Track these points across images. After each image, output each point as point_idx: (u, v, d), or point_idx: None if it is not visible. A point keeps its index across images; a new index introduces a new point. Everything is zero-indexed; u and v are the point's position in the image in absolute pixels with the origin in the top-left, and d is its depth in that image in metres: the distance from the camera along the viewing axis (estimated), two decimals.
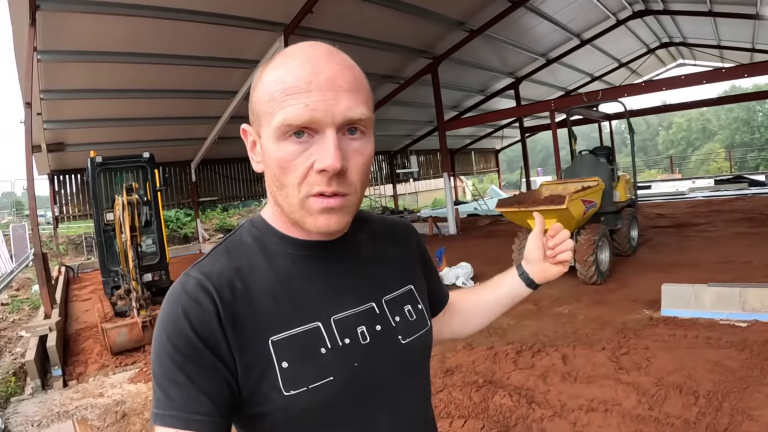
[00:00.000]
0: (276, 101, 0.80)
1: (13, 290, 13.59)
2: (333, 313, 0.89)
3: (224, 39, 11.06)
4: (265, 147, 0.84)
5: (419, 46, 14.22)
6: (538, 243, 1.21)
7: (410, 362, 0.98)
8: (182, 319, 0.79)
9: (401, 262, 1.07)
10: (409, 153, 25.23)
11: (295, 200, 0.83)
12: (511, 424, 3.62)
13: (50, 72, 10.03)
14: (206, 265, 0.88)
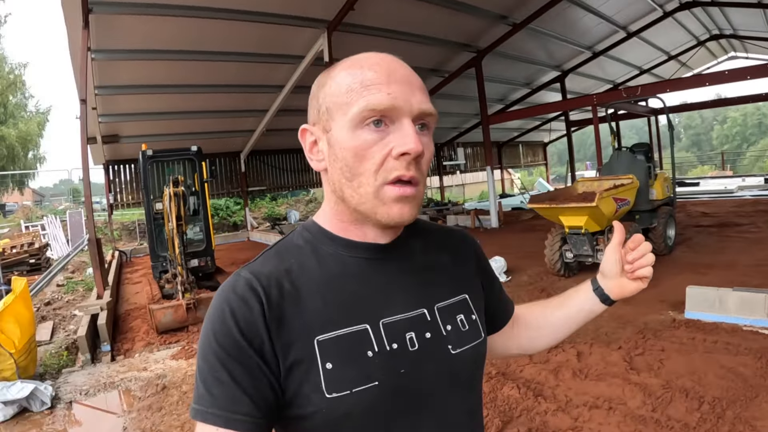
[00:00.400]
0: (355, 92, 0.84)
1: (68, 272, 14.35)
2: (382, 317, 0.88)
3: (270, 36, 11.42)
4: (337, 138, 0.86)
5: (462, 40, 14.26)
6: (616, 256, 1.11)
7: (459, 374, 0.95)
8: (229, 317, 0.81)
9: (457, 270, 1.05)
10: (456, 145, 25.18)
11: (369, 189, 0.85)
12: (515, 416, 3.78)
13: (104, 69, 10.59)
14: (256, 266, 0.89)
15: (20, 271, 13.50)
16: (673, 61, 21.27)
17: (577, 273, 8.04)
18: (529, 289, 7.59)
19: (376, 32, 12.50)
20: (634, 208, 7.91)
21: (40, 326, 7.79)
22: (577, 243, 7.57)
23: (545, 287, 7.50)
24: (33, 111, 33.50)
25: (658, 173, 8.70)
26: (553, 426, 3.56)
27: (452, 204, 23.64)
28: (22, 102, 32.93)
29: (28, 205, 28.66)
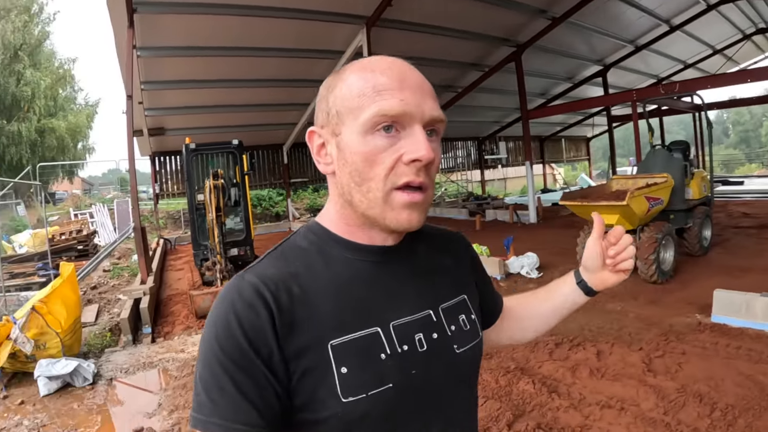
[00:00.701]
0: (367, 96, 0.83)
1: (114, 258, 14.98)
2: (392, 319, 0.89)
3: (310, 32, 11.65)
4: (347, 143, 0.86)
5: (501, 35, 14.23)
6: (597, 250, 1.13)
7: (463, 372, 0.99)
8: (235, 325, 0.79)
9: (455, 271, 1.08)
10: (498, 139, 25.10)
11: (378, 194, 0.85)
12: (527, 410, 3.87)
13: (149, 66, 11.00)
14: (262, 269, 0.87)
15: (68, 256, 14.11)
16: (718, 56, 20.61)
17: None
18: None
19: (414, 27, 12.59)
20: (668, 207, 7.80)
21: (85, 309, 8.23)
22: None
23: None
24: (82, 104, 34.66)
25: (695, 172, 8.52)
26: (563, 422, 3.63)
27: (492, 198, 23.54)
28: (72, 95, 34.08)
29: (77, 194, 29.80)
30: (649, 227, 7.24)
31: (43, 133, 28.89)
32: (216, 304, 0.84)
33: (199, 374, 0.81)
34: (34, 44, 29.56)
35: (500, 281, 8.34)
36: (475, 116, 21.61)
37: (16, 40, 27.61)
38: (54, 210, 24.34)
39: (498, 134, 25.04)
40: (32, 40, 29.28)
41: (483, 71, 16.32)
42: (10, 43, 27.33)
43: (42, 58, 30.54)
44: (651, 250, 6.94)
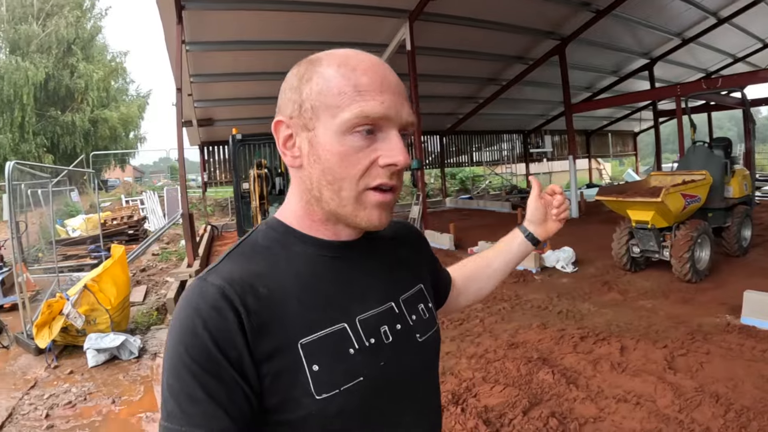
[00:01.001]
0: (347, 95, 0.82)
1: (163, 243, 15.57)
2: (357, 314, 0.90)
3: (355, 26, 11.89)
4: (321, 141, 0.84)
5: (545, 28, 14.22)
6: (538, 204, 1.33)
7: (427, 358, 1.03)
8: (202, 330, 0.77)
9: (411, 261, 1.11)
10: (544, 132, 24.86)
11: (351, 193, 0.85)
12: (544, 399, 4.00)
13: (198, 59, 11.40)
14: (224, 270, 0.85)
15: (119, 240, 14.67)
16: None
17: (644, 268, 7.98)
18: (592, 281, 7.66)
19: (457, 21, 12.68)
20: (706, 205, 7.71)
21: (134, 289, 8.70)
22: (644, 238, 7.54)
23: (609, 281, 7.51)
24: (134, 95, 36.03)
25: (736, 170, 8.37)
26: (578, 413, 3.74)
27: None
28: (124, 87, 35.45)
29: (128, 181, 30.90)
30: (685, 225, 7.19)
31: (96, 123, 30.13)
32: (179, 309, 0.81)
33: (166, 382, 0.78)
34: (87, 38, 30.87)
35: (535, 274, 8.42)
36: (520, 109, 21.54)
37: (69, 34, 28.91)
38: (106, 196, 25.18)
39: (543, 127, 24.80)
40: (85, 34, 30.57)
41: (527, 64, 16.29)
42: (64, 37, 28.65)
43: (95, 51, 31.82)
44: (686, 248, 6.90)
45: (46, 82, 27.99)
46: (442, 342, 4.84)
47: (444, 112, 20.68)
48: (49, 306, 6.08)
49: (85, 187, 24.93)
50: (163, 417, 0.77)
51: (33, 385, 5.34)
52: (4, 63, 26.91)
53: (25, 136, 27.13)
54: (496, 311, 6.57)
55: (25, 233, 10.78)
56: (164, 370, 0.80)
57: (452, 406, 3.99)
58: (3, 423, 4.53)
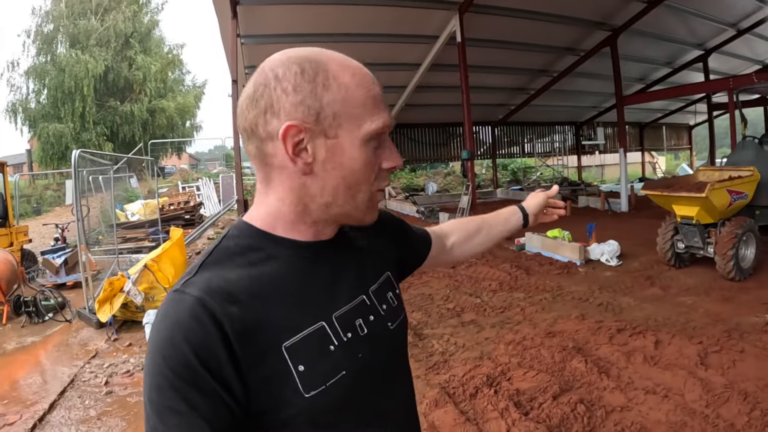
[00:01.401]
0: (368, 107, 0.86)
1: (218, 228, 16.16)
2: (333, 311, 0.92)
3: (404, 18, 12.04)
4: (346, 149, 0.86)
5: (597, 18, 14.05)
6: (543, 202, 1.60)
7: (399, 344, 1.08)
8: (182, 344, 0.76)
9: (378, 248, 1.12)
10: (596, 124, 24.50)
11: (366, 196, 0.90)
12: (575, 386, 4.13)
13: (253, 52, 11.75)
14: (201, 280, 0.84)
15: (176, 224, 15.24)
16: None
17: (688, 264, 7.90)
18: (635, 275, 7.65)
19: (506, 12, 12.69)
20: (753, 202, 7.54)
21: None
22: (689, 234, 7.47)
23: (652, 276, 7.48)
24: (190, 85, 37.25)
25: None
26: (606, 401, 3.85)
27: (586, 185, 23.09)
28: (180, 78, 36.68)
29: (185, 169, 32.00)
30: (731, 222, 7.07)
31: (153, 113, 31.37)
32: (158, 323, 0.81)
33: (148, 397, 0.77)
34: (144, 32, 32.20)
35: (579, 266, 8.47)
36: (572, 101, 21.29)
37: (127, 28, 30.16)
38: (164, 183, 26.12)
39: (596, 119, 24.45)
40: (142, 28, 31.93)
41: (578, 56, 16.13)
42: (122, 31, 29.95)
43: (152, 44, 33.14)
44: (730, 245, 6.81)
45: (106, 74, 29.35)
46: (482, 328, 5.11)
47: (495, 103, 20.62)
48: (111, 283, 6.57)
49: (143, 174, 25.86)
50: (147, 431, 0.77)
51: (94, 355, 5.84)
52: (65, 56, 28.38)
53: (85, 125, 28.52)
54: (538, 301, 6.70)
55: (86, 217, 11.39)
56: (145, 385, 0.79)
57: (486, 387, 4.16)
58: (65, 388, 4.97)
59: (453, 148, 23.21)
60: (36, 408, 4.56)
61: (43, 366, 5.79)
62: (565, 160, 25.36)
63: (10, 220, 10.18)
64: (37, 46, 29.61)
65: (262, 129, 0.86)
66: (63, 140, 27.68)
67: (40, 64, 29.12)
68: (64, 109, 28.14)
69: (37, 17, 29.78)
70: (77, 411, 4.52)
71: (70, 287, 9.09)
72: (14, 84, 29.82)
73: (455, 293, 7.26)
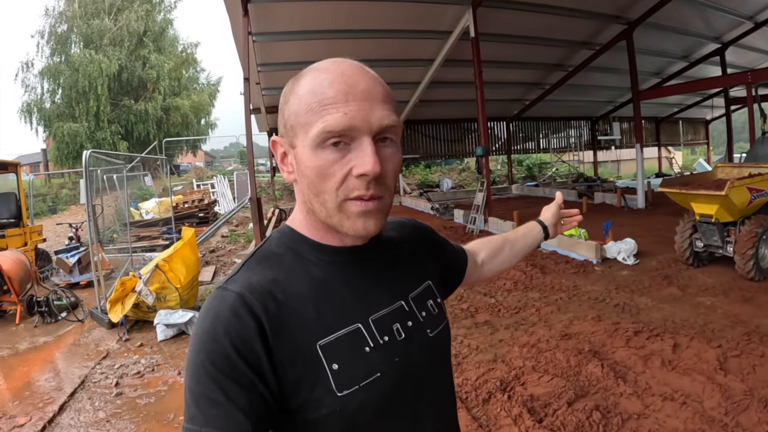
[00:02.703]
0: (314, 112, 0.84)
1: (232, 226, 16.20)
2: (370, 314, 0.93)
3: (418, 14, 12.01)
4: (301, 157, 0.87)
5: (612, 12, 13.85)
6: (556, 212, 1.62)
7: (439, 353, 1.06)
8: (222, 337, 0.80)
9: (417, 258, 1.13)
10: (612, 119, 24.28)
11: (332, 204, 0.87)
12: (591, 392, 4.02)
13: (265, 49, 11.75)
14: (243, 278, 0.88)
15: (190, 222, 15.40)
16: None
17: (707, 263, 7.73)
18: (652, 274, 7.50)
19: (520, 6, 12.58)
20: None
21: (204, 269, 9.17)
22: (707, 232, 7.32)
23: (670, 275, 7.34)
24: (204, 83, 37.49)
25: None
26: (622, 408, 3.75)
27: (602, 181, 22.88)
28: (194, 76, 36.94)
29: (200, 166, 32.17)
30: (750, 220, 6.91)
31: (168, 111, 31.61)
32: (201, 317, 0.85)
33: (188, 386, 0.81)
34: (158, 31, 32.53)
35: (596, 265, 8.34)
36: (588, 96, 21.14)
37: (140, 27, 30.39)
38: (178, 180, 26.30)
39: (612, 114, 24.24)
40: (155, 27, 32.24)
41: (594, 50, 15.98)
42: (135, 30, 30.25)
43: (166, 43, 33.47)
44: (749, 244, 6.65)
45: (119, 73, 29.65)
46: (496, 330, 4.99)
47: (510, 99, 20.51)
48: (123, 283, 6.56)
49: (157, 172, 26.08)
50: (186, 419, 0.79)
51: (105, 356, 5.84)
52: (78, 56, 28.75)
53: (100, 124, 28.83)
54: (553, 301, 6.59)
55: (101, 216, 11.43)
56: (186, 375, 0.82)
57: (499, 393, 4.07)
58: (75, 389, 4.97)
59: (468, 144, 23.14)
60: (46, 409, 4.56)
61: (55, 366, 5.79)
62: (580, 155, 25.19)
63: (24, 219, 10.27)
64: (51, 47, 29.98)
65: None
66: (78, 139, 27.95)
67: (55, 65, 29.49)
68: (79, 108, 28.43)
69: (50, 18, 30.17)
70: (87, 413, 4.51)
71: (84, 286, 9.15)
72: (29, 84, 30.29)
73: (469, 293, 7.16)
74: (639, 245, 8.62)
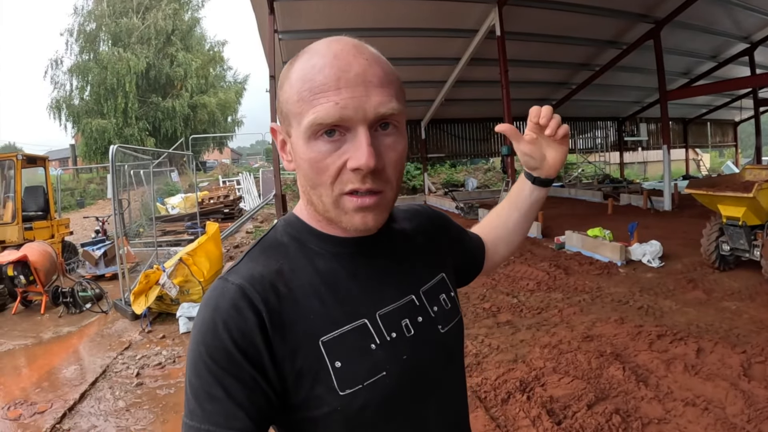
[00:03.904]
0: (305, 101, 0.78)
1: (257, 222, 16.35)
2: (377, 309, 0.88)
3: (442, 12, 11.99)
4: (295, 147, 0.82)
5: (639, 11, 13.66)
6: (527, 148, 1.17)
7: (450, 350, 1.00)
8: (222, 330, 0.77)
9: (430, 249, 1.07)
10: (639, 120, 23.95)
11: (328, 199, 0.82)
12: (611, 395, 3.97)
13: (291, 47, 11.83)
14: (245, 269, 0.84)
15: (215, 218, 15.55)
16: None
17: (733, 267, 7.56)
18: (677, 277, 7.38)
19: (547, 5, 12.46)
20: None
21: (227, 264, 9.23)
22: (734, 235, 7.17)
23: (695, 279, 7.20)
24: (231, 81, 37.81)
25: None
26: (642, 412, 3.69)
27: (628, 182, 22.60)
28: (221, 74, 37.26)
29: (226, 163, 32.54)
30: None
31: (195, 109, 32.02)
32: (201, 309, 0.82)
33: (188, 381, 0.79)
34: (185, 30, 33.01)
35: (620, 267, 8.23)
36: (614, 96, 20.91)
37: (168, 26, 30.82)
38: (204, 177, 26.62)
39: (639, 115, 23.91)
40: (183, 26, 32.72)
41: (620, 49, 15.77)
42: (163, 29, 30.70)
43: (193, 41, 33.96)
44: None
45: (147, 71, 30.11)
46: (518, 330, 4.97)
47: (536, 98, 20.28)
48: (147, 276, 6.68)
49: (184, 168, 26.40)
50: (186, 414, 0.78)
51: (127, 347, 5.95)
52: (107, 54, 29.33)
53: (128, 120, 29.34)
54: (576, 302, 6.53)
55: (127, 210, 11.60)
56: (187, 368, 0.80)
57: (519, 393, 4.05)
58: (97, 378, 5.07)
59: (493, 143, 23.06)
60: (67, 397, 4.66)
61: (77, 356, 5.92)
62: (607, 156, 24.87)
63: (51, 213, 10.50)
64: (80, 45, 30.55)
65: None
66: (106, 135, 28.44)
67: (83, 62, 30.07)
68: (107, 105, 28.96)
69: (79, 16, 30.74)
70: (107, 402, 4.59)
71: (109, 279, 9.31)
72: (58, 81, 30.87)
73: (492, 292, 7.13)
74: (664, 248, 8.48)
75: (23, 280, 7.48)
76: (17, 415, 4.38)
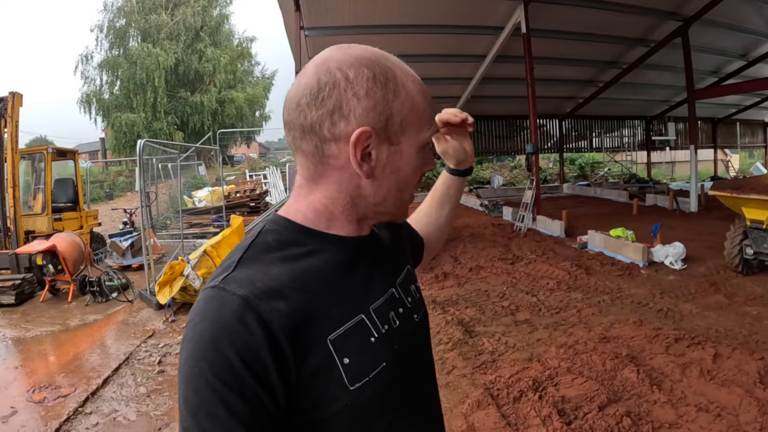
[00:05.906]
0: (427, 116, 0.89)
1: None
2: (370, 304, 0.92)
3: (468, 9, 11.97)
4: (406, 155, 0.87)
5: (667, 8, 13.42)
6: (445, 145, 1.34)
7: (424, 336, 1.08)
8: (227, 346, 0.73)
9: (397, 244, 1.12)
10: (667, 119, 23.52)
11: (408, 197, 0.93)
12: (624, 397, 3.96)
13: (317, 44, 11.89)
14: (244, 277, 0.81)
15: (241, 212, 15.66)
16: None
17: (757, 272, 7.42)
18: (699, 280, 7.29)
19: (573, 2, 12.37)
20: None
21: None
22: (758, 239, 7.04)
23: (717, 282, 7.11)
24: (259, 76, 38.14)
25: None
26: (654, 416, 3.68)
27: (654, 182, 22.29)
28: (249, 69, 37.68)
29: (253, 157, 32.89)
30: None
31: (223, 103, 32.45)
32: (199, 321, 0.77)
33: (184, 397, 0.74)
34: (214, 26, 33.48)
35: (642, 268, 8.18)
36: (642, 94, 20.61)
37: (197, 22, 31.20)
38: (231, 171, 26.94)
39: (667, 114, 23.46)
40: (212, 22, 33.16)
41: (648, 47, 15.55)
42: (191, 25, 31.14)
43: (222, 37, 34.42)
44: None
45: (176, 66, 30.64)
46: (535, 329, 5.20)
47: (563, 96, 20.21)
48: (172, 267, 6.85)
49: (211, 162, 26.70)
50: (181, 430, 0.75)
51: (151, 335, 6.14)
52: (136, 50, 29.93)
53: (157, 115, 29.89)
54: (595, 303, 6.51)
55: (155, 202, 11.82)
56: (181, 382, 0.76)
57: (531, 392, 4.07)
58: (120, 365, 5.25)
59: (519, 141, 22.99)
60: (91, 382, 4.83)
61: (102, 343, 6.11)
62: (634, 155, 24.60)
63: (80, 204, 10.77)
64: (110, 40, 31.23)
65: (327, 130, 0.83)
66: (135, 129, 29.00)
67: (113, 57, 30.75)
68: (136, 99, 29.52)
69: (109, 13, 31.40)
70: (129, 388, 4.75)
71: (135, 269, 9.52)
72: (88, 76, 31.64)
73: (512, 290, 7.16)
74: (688, 250, 8.38)
75: (52, 269, 7.72)
76: (42, 398, 4.55)
